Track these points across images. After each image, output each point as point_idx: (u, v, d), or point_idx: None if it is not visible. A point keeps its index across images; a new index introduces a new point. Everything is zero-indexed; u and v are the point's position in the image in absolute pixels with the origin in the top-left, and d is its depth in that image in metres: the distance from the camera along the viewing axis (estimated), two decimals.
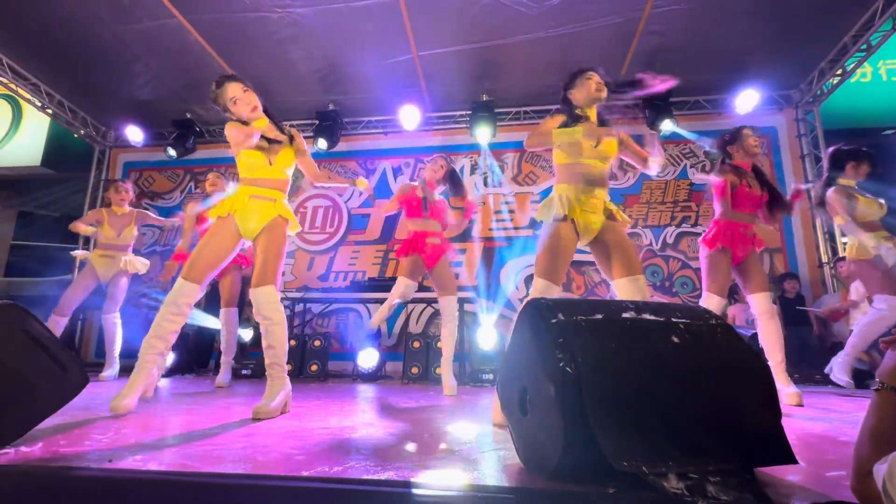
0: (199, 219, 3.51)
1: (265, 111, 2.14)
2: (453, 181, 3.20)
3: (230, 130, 2.09)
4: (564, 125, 2.03)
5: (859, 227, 2.81)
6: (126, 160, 5.83)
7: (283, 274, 5.19)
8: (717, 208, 2.74)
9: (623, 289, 1.93)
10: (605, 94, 2.08)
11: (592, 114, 2.11)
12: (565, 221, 1.98)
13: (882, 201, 2.91)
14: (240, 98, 2.08)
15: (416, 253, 3.06)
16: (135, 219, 3.81)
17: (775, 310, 2.60)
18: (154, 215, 4.06)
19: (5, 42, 4.26)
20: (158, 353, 2.02)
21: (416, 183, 3.21)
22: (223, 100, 2.11)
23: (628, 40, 4.05)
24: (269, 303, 2.05)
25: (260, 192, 2.12)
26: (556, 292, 1.93)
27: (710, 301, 2.59)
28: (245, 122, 2.10)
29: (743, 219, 2.68)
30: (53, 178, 6.72)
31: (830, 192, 2.92)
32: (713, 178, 2.76)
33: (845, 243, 3.29)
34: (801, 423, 1.88)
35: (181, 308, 2.02)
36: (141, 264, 3.77)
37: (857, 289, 3.65)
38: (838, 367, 2.92)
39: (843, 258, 3.32)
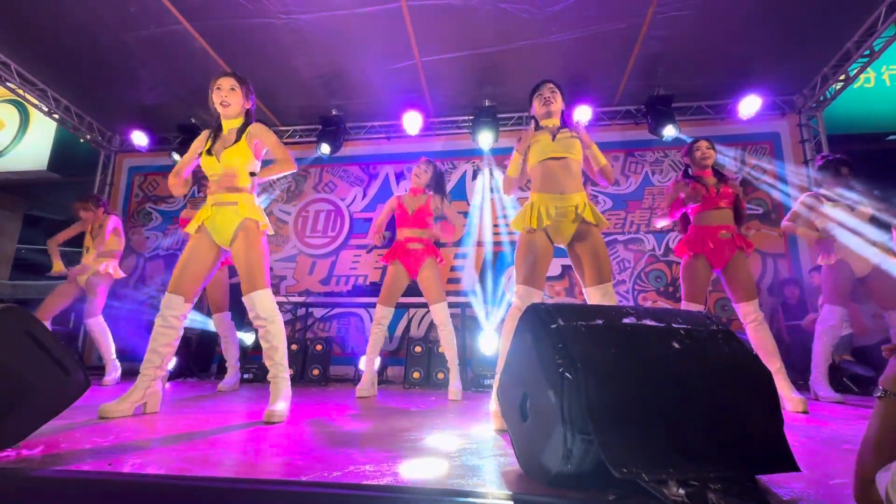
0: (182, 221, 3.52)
1: (247, 114, 2.20)
2: (437, 185, 3.23)
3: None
4: (528, 141, 2.21)
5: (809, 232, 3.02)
6: (131, 165, 5.87)
7: (285, 278, 5.20)
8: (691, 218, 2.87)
9: (591, 297, 1.98)
10: (554, 105, 2.20)
11: (552, 122, 2.22)
12: (537, 232, 2.06)
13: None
14: (223, 90, 2.13)
15: (397, 260, 3.11)
16: (99, 224, 3.72)
17: (762, 316, 2.59)
18: (109, 228, 3.73)
19: (13, 48, 4.32)
20: (156, 366, 2.05)
21: (401, 194, 3.30)
22: (210, 88, 2.16)
23: (630, 46, 4.06)
24: (264, 306, 2.05)
25: (221, 197, 2.11)
26: (536, 296, 1.98)
27: (688, 308, 2.60)
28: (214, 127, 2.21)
29: (716, 219, 2.72)
30: (59, 182, 6.78)
31: (805, 196, 3.12)
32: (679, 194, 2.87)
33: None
34: (804, 429, 1.86)
35: (169, 321, 2.04)
36: (110, 270, 3.70)
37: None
38: (818, 388, 2.92)
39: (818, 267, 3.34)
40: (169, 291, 2.06)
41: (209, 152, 2.15)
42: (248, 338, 4.44)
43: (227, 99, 2.13)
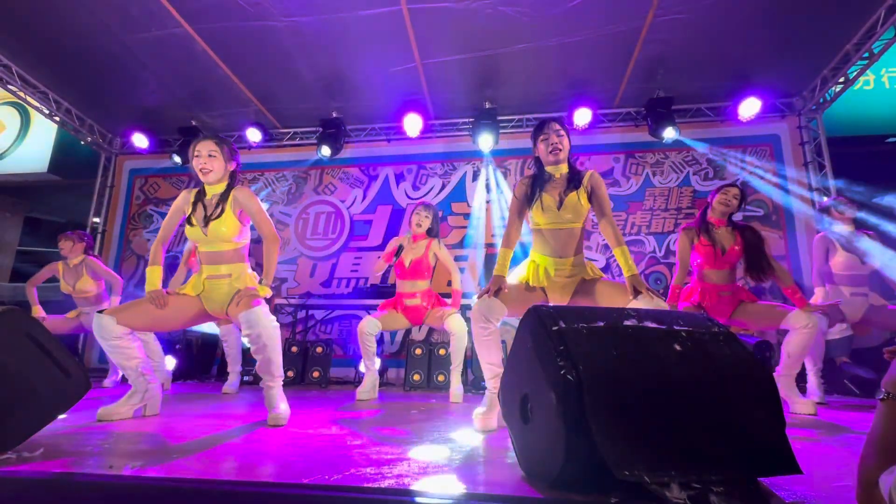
0: (193, 253, 3.50)
1: (231, 176, 2.12)
2: (434, 228, 3.25)
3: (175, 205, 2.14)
4: (531, 188, 2.09)
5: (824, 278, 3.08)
6: (132, 167, 5.88)
7: (286, 280, 5.20)
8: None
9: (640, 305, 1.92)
10: (562, 153, 2.05)
11: (559, 170, 2.09)
12: (534, 289, 2.06)
13: (866, 261, 2.99)
14: (202, 157, 2.05)
15: (400, 311, 3.17)
16: (85, 268, 3.68)
17: (813, 324, 2.44)
18: (101, 265, 3.73)
19: (15, 51, 4.33)
20: (137, 375, 2.03)
21: (402, 238, 3.27)
22: (191, 152, 2.09)
23: (630, 49, 4.07)
24: (259, 319, 2.00)
25: (214, 270, 2.07)
26: (498, 306, 1.93)
27: None
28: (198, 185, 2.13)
29: (718, 279, 2.70)
30: (60, 184, 6.79)
31: (815, 239, 3.18)
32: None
33: None
34: (808, 432, 1.86)
35: (110, 343, 1.94)
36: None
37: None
38: (814, 389, 2.92)
39: None
40: (107, 313, 1.93)
41: (191, 222, 2.07)
42: (247, 340, 4.44)
43: (207, 166, 2.04)
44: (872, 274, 3.00)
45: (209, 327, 3.88)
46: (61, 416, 1.53)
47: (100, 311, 1.95)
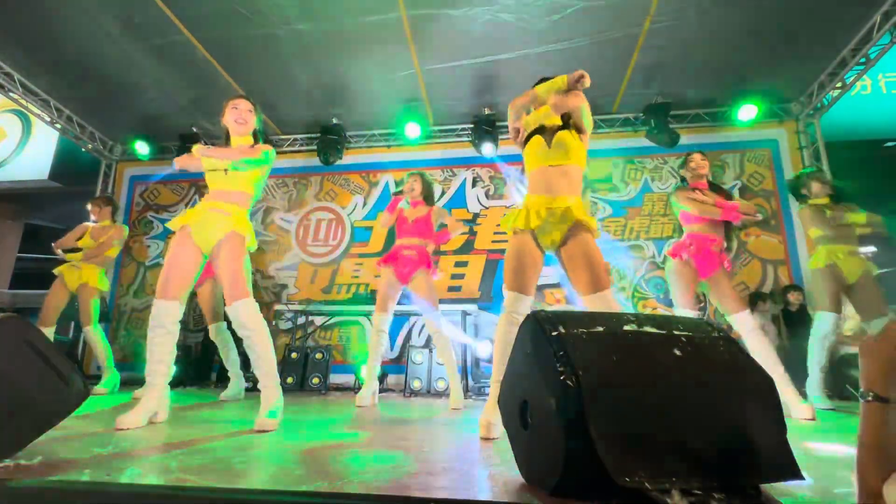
0: None
1: (254, 135, 2.27)
2: (431, 195, 3.36)
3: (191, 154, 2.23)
4: (532, 135, 2.11)
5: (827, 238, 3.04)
6: (132, 174, 5.89)
7: (286, 286, 5.20)
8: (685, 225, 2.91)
9: (590, 306, 1.87)
10: (553, 99, 2.10)
11: (551, 122, 2.12)
12: (524, 234, 1.98)
13: (857, 214, 2.98)
14: (240, 110, 2.22)
15: (392, 264, 3.13)
16: (108, 230, 3.72)
17: (758, 324, 2.61)
18: (119, 240, 3.80)
19: (17, 59, 4.36)
20: (163, 374, 2.03)
21: (401, 204, 3.32)
22: (226, 107, 2.24)
23: (628, 54, 4.10)
24: (248, 315, 2.01)
25: (217, 205, 2.13)
26: (526, 302, 1.91)
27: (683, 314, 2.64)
28: (225, 137, 2.26)
29: (708, 231, 2.78)
30: (61, 191, 6.81)
31: (800, 211, 3.21)
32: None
33: None
34: (810, 437, 1.85)
35: (168, 328, 2.02)
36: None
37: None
38: (814, 391, 2.90)
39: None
40: (160, 299, 2.02)
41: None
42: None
43: (244, 117, 2.23)
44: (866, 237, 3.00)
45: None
46: (59, 424, 1.52)
47: (158, 298, 2.01)
